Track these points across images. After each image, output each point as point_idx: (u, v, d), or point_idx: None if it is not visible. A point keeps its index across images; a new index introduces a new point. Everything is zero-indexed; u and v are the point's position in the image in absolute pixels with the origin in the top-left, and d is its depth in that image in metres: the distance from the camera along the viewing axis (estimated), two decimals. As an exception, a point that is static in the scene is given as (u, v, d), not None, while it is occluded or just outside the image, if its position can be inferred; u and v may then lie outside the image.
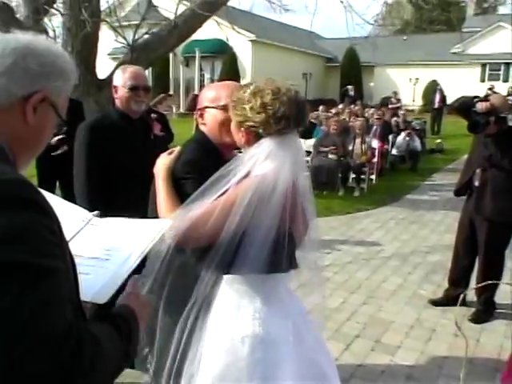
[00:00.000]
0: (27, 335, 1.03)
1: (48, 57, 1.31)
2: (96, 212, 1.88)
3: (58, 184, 6.33)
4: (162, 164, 2.27)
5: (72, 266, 1.31)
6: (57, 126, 1.41)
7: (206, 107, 2.42)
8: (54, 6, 8.68)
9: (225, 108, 2.31)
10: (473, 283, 5.19)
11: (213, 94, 2.42)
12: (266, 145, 1.99)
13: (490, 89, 22.57)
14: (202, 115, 2.45)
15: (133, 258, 1.60)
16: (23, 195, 1.12)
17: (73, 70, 1.40)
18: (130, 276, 1.56)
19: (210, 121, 2.42)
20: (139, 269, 1.66)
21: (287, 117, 1.97)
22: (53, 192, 5.24)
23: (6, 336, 1.03)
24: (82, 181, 3.39)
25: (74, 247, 1.58)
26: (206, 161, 2.31)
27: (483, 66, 34.03)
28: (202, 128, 2.47)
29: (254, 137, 2.03)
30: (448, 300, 5.28)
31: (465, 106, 4.89)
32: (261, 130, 1.98)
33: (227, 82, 2.62)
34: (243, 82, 30.42)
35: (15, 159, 1.29)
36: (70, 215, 1.79)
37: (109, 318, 1.31)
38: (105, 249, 1.65)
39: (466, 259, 5.31)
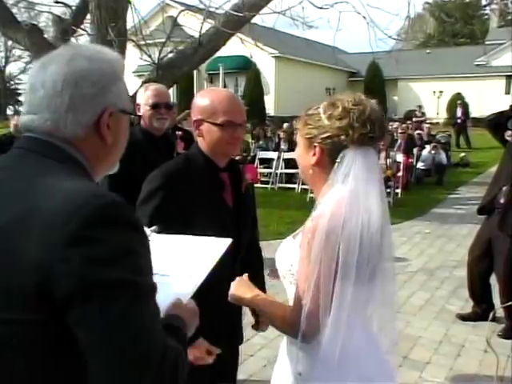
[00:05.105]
0: (134, 349, 1.07)
1: (94, 71, 1.31)
2: (154, 227, 1.87)
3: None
4: (238, 292, 2.03)
5: None
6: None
7: (202, 120, 2.33)
8: (82, 26, 8.87)
9: (222, 126, 2.28)
10: (495, 295, 5.18)
11: (208, 106, 2.31)
12: (350, 156, 1.76)
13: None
14: (197, 127, 2.36)
15: (196, 277, 1.60)
16: (123, 216, 1.16)
17: (120, 64, 1.40)
18: None
19: (206, 135, 2.35)
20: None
21: (372, 120, 1.77)
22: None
23: (113, 349, 1.07)
24: None
25: None
26: (186, 174, 2.32)
27: (508, 77, 33.69)
28: (199, 140, 2.41)
29: (331, 151, 1.79)
30: (476, 315, 5.22)
31: (502, 117, 4.89)
32: (343, 137, 1.75)
33: (219, 90, 2.55)
34: (267, 97, 30.27)
35: (92, 174, 1.34)
36: None
37: (170, 329, 1.29)
38: (165, 266, 1.62)
39: (483, 275, 5.29)
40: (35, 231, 1.09)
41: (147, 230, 1.81)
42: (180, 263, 1.65)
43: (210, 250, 1.72)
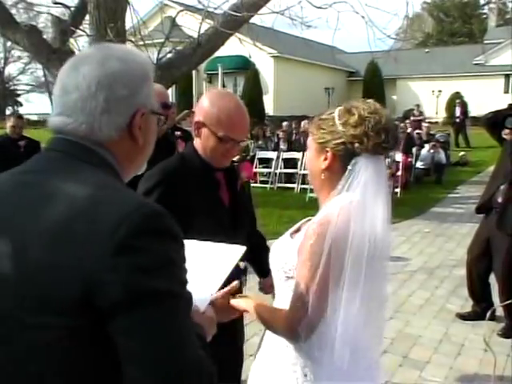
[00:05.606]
0: (174, 359, 1.07)
1: (126, 72, 1.29)
2: None
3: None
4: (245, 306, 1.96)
5: None
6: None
7: (204, 124, 2.31)
8: (81, 27, 8.87)
9: (221, 139, 2.26)
10: (495, 295, 5.19)
11: (213, 113, 2.28)
12: (362, 163, 1.76)
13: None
14: (198, 127, 2.34)
15: (213, 284, 1.60)
16: (166, 226, 1.15)
17: (148, 64, 1.39)
18: None
19: (203, 139, 2.34)
20: None
21: (387, 130, 1.77)
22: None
23: (154, 357, 1.06)
24: None
25: None
26: (182, 173, 2.32)
27: (506, 76, 33.71)
28: (196, 140, 2.39)
29: (343, 157, 1.79)
30: (476, 315, 5.23)
31: (500, 115, 4.90)
32: (357, 145, 1.75)
33: (230, 99, 2.37)
34: (266, 97, 30.13)
35: (122, 176, 1.33)
36: None
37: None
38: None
39: (482, 275, 5.30)
40: (77, 237, 1.08)
41: None
42: (196, 270, 1.62)
43: (226, 257, 1.72)
